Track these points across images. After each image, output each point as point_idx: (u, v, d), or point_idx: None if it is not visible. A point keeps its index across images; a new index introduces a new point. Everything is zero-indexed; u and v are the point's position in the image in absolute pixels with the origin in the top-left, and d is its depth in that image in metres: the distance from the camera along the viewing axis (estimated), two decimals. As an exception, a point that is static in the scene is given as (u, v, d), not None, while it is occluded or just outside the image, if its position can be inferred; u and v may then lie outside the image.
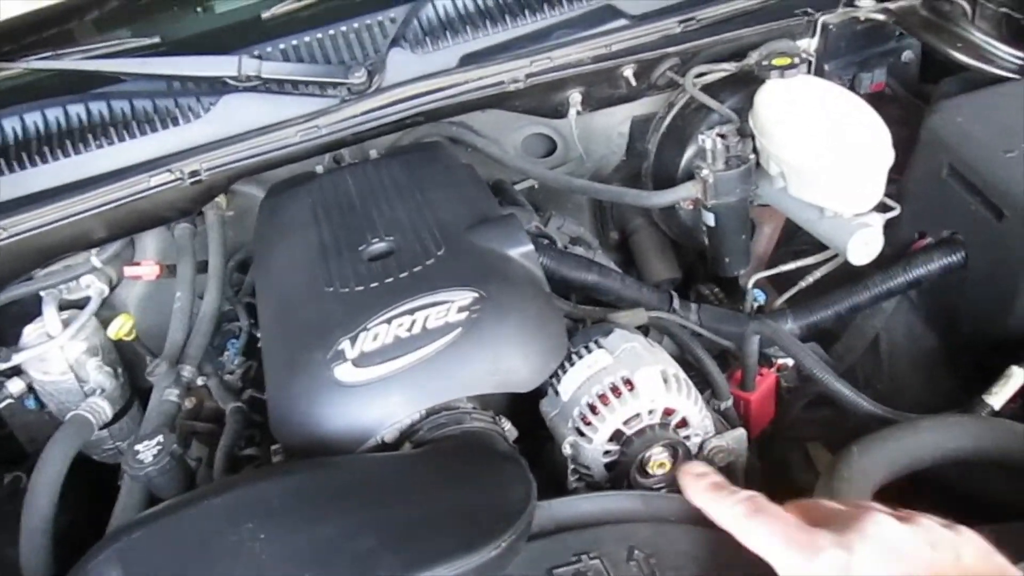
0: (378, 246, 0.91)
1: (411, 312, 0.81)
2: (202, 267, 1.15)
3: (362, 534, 0.66)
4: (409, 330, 0.80)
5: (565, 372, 0.86)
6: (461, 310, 0.81)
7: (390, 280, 0.85)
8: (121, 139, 1.06)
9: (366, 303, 0.83)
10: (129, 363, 1.22)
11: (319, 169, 1.15)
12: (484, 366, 0.80)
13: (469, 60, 1.10)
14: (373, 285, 0.85)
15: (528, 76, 1.07)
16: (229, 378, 1.07)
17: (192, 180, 1.01)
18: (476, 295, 0.82)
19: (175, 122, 1.06)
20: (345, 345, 0.80)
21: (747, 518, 0.60)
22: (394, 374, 0.79)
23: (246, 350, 1.12)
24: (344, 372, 0.79)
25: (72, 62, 1.10)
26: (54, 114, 1.08)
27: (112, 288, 1.19)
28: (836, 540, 0.56)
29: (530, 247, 0.92)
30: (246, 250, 1.23)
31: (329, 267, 0.89)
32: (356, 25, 1.14)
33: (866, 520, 0.57)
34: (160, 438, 0.90)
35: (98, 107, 1.07)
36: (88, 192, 1.01)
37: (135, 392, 1.22)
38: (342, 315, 0.83)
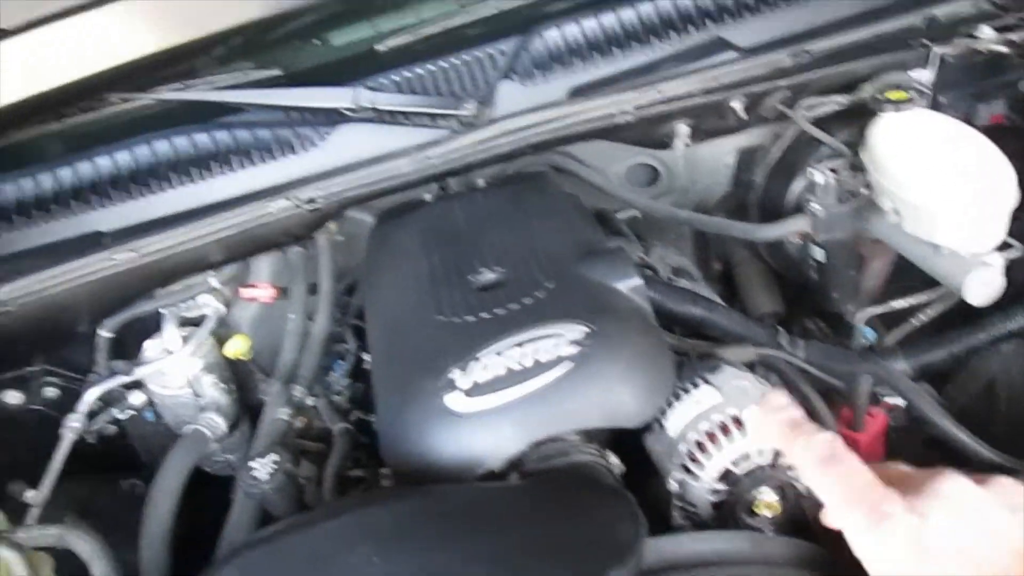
0: (488, 276, 0.93)
1: (522, 344, 0.82)
2: (312, 289, 1.19)
3: (474, 564, 0.67)
4: (520, 362, 0.81)
5: (671, 407, 0.85)
6: (572, 344, 0.82)
7: (501, 311, 0.86)
8: (243, 167, 1.11)
9: (477, 333, 0.85)
10: (240, 380, 1.27)
11: (427, 197, 1.18)
12: (593, 400, 0.81)
13: (578, 92, 1.11)
14: (484, 316, 0.87)
15: (637, 108, 1.08)
16: (336, 399, 1.10)
17: (309, 207, 1.05)
18: (587, 329, 0.83)
19: (293, 151, 1.10)
20: (456, 374, 0.81)
21: (820, 464, 0.55)
22: (504, 405, 0.80)
23: (352, 372, 1.15)
24: (455, 401, 0.80)
25: (198, 93, 1.16)
26: (181, 142, 1.13)
27: (227, 307, 1.24)
28: (909, 505, 0.51)
29: (639, 281, 0.92)
30: (354, 274, 1.27)
31: (439, 295, 0.91)
32: (467, 58, 1.17)
33: (941, 482, 0.52)
34: (274, 456, 0.94)
35: (222, 136, 1.13)
36: (211, 217, 1.06)
37: (244, 408, 1.27)
38: (453, 344, 0.84)
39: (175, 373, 1.19)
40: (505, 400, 0.80)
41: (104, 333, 1.21)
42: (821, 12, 1.20)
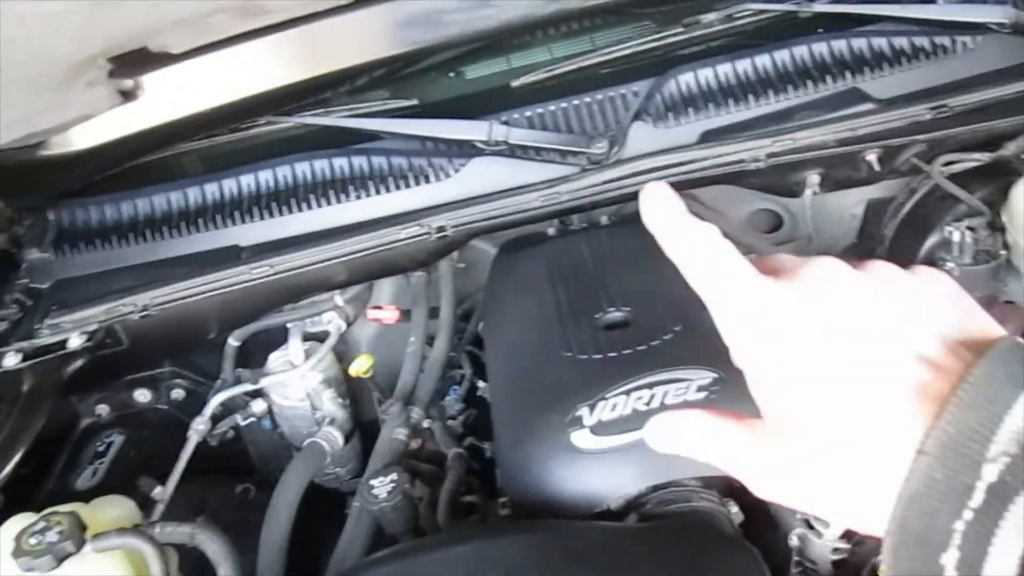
0: (614, 315, 0.94)
1: (650, 387, 0.83)
2: (432, 314, 1.22)
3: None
4: (647, 404, 0.81)
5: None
6: (700, 389, 0.82)
7: (628, 352, 0.87)
8: (378, 192, 1.14)
9: (605, 373, 0.85)
10: (353, 396, 1.31)
11: (551, 231, 1.20)
12: (719, 448, 0.80)
13: (710, 136, 1.11)
14: (611, 355, 0.87)
15: (769, 156, 1.07)
16: (451, 423, 1.13)
17: (438, 235, 1.08)
18: (715, 375, 0.83)
19: (427, 180, 1.14)
20: (584, 412, 0.82)
21: (694, 250, 0.49)
22: (628, 445, 0.80)
23: (466, 397, 1.18)
24: (581, 438, 0.82)
25: (338, 119, 1.21)
26: (320, 165, 1.18)
27: (348, 325, 1.28)
28: (770, 278, 0.45)
29: (766, 329, 0.91)
30: (471, 300, 1.30)
31: (566, 332, 0.93)
32: (600, 97, 1.18)
33: (812, 260, 0.46)
34: (394, 475, 0.96)
35: (359, 161, 1.17)
36: (344, 239, 1.09)
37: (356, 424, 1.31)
38: (580, 382, 0.85)
39: (296, 385, 1.24)
40: (629, 440, 0.81)
41: (233, 342, 1.27)
42: (961, 68, 1.18)
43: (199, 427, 1.20)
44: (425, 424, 1.09)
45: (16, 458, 1.03)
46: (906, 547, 0.37)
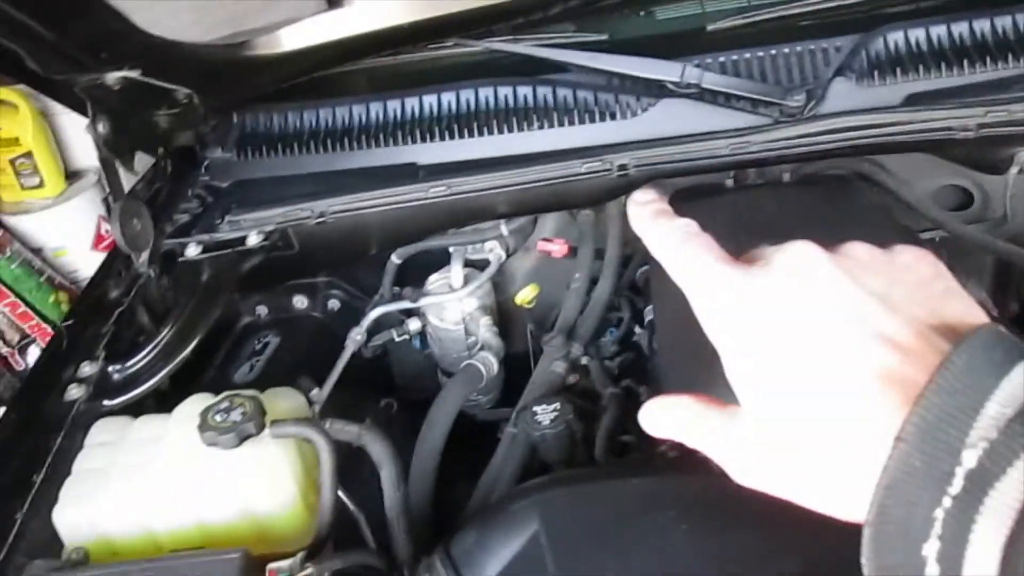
0: (804, 272, 0.91)
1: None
2: (597, 255, 1.21)
3: (782, 554, 0.66)
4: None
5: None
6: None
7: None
8: (560, 124, 1.13)
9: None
10: (502, 329, 1.32)
11: (728, 183, 1.17)
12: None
13: (915, 100, 1.06)
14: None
15: (980, 127, 1.01)
16: (608, 364, 1.12)
17: (619, 173, 1.06)
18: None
19: (611, 117, 1.12)
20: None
21: (674, 246, 0.51)
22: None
23: (622, 340, 1.17)
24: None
25: (526, 47, 1.20)
26: (503, 92, 1.18)
27: (508, 257, 1.29)
28: (741, 268, 0.47)
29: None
30: (631, 246, 1.28)
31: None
32: (799, 49, 1.14)
33: (785, 248, 0.46)
34: (558, 404, 0.97)
35: (543, 92, 1.16)
36: (524, 167, 1.09)
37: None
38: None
39: (454, 308, 1.25)
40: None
41: (395, 259, 1.29)
42: None
43: (356, 337, 1.23)
44: (583, 361, 1.09)
45: (191, 345, 1.08)
46: (887, 538, 0.36)
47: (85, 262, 2.19)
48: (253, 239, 1.16)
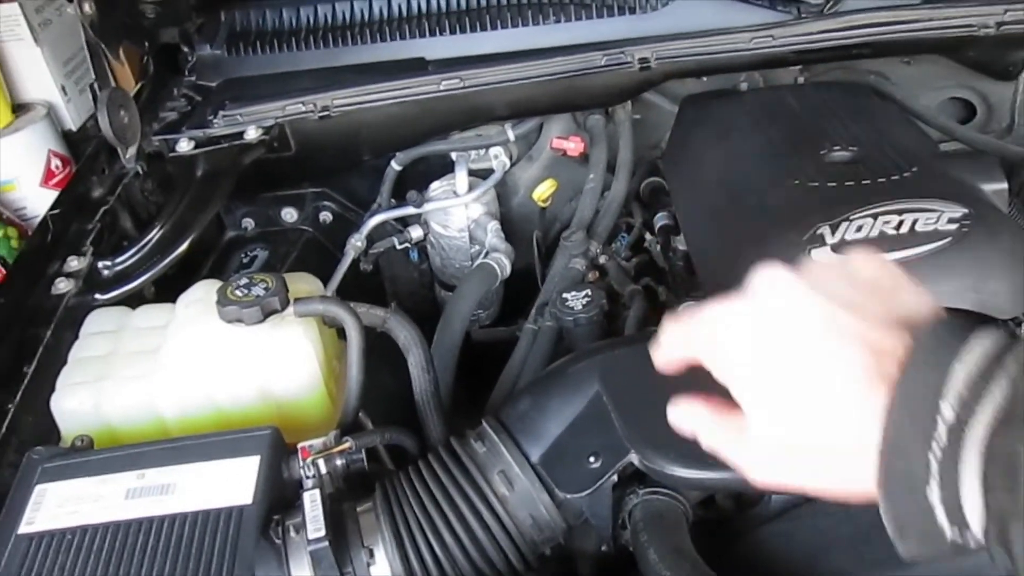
0: (841, 154, 0.90)
1: (899, 212, 0.79)
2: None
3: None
4: (897, 228, 0.78)
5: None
6: (951, 221, 0.78)
7: (867, 182, 0.84)
8: (578, 18, 1.11)
9: (843, 198, 0.82)
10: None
11: (743, 87, 1.16)
12: (967, 282, 0.77)
13: (934, -2, 1.06)
14: (848, 183, 0.84)
15: (1000, 25, 1.02)
16: (625, 264, 1.10)
17: (641, 66, 1.04)
18: (967, 210, 0.79)
19: (631, 11, 1.10)
20: (825, 231, 0.79)
21: (685, 332, 0.54)
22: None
23: (634, 245, 1.15)
24: (821, 255, 0.78)
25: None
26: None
27: (512, 165, 1.25)
28: (726, 303, 0.51)
29: (1004, 185, 0.88)
30: (638, 152, 1.26)
31: (791, 163, 0.89)
32: (820, -55, 1.13)
33: (755, 276, 0.51)
34: (589, 291, 0.94)
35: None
36: (542, 59, 1.06)
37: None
38: (818, 205, 0.82)
39: (458, 215, 1.21)
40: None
41: (395, 165, 1.24)
42: None
43: (356, 243, 1.18)
44: (602, 260, 1.07)
45: (188, 241, 1.02)
46: (896, 489, 0.42)
47: (35, 199, 2.06)
48: (252, 133, 1.10)
